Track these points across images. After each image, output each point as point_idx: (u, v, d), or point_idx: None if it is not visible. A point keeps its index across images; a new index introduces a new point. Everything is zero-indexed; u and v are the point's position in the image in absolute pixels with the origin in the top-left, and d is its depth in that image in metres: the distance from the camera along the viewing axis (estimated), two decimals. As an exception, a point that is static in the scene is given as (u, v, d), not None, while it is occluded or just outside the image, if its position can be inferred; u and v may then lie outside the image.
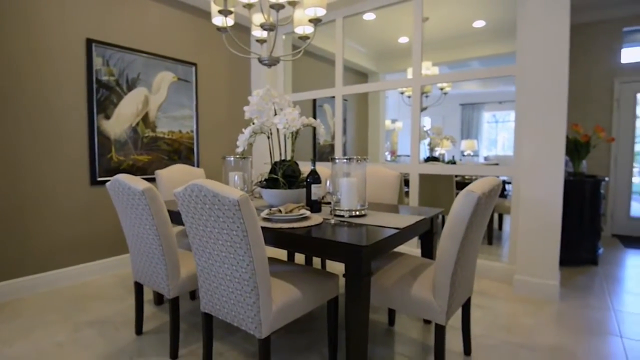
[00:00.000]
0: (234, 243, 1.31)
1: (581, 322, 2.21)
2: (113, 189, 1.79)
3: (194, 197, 1.35)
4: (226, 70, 4.00)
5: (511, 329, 2.13)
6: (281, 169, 2.08)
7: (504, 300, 2.54)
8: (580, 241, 3.33)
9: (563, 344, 1.95)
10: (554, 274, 2.55)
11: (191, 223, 1.45)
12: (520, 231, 2.66)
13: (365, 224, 1.67)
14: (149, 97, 3.24)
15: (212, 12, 2.24)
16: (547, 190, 2.54)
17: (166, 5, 3.38)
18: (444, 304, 1.45)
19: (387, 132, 7.67)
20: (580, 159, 3.30)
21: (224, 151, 4.01)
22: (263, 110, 1.97)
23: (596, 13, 4.42)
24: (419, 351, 1.88)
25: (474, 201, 1.34)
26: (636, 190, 4.56)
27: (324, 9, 2.10)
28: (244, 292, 1.36)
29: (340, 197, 1.84)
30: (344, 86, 3.73)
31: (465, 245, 1.43)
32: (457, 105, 9.01)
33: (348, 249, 1.35)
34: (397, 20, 4.56)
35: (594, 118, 4.52)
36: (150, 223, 1.66)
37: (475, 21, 4.66)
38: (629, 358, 1.82)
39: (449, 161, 5.13)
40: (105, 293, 2.66)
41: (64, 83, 2.74)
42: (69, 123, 2.78)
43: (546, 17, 2.52)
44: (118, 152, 3.06)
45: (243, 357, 1.82)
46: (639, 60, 4.39)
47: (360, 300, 1.37)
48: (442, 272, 1.43)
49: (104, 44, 2.93)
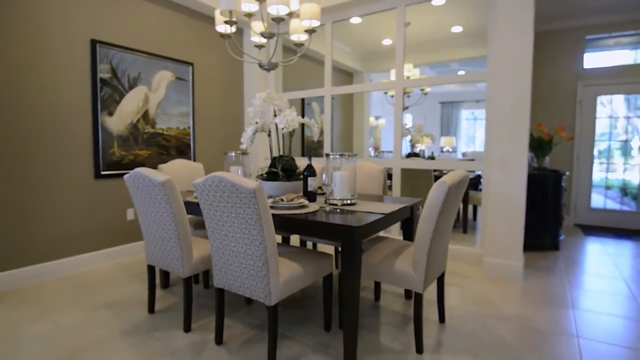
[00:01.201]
0: (248, 225, 1.56)
1: (540, 297, 2.57)
2: (132, 181, 2.00)
3: (213, 187, 1.59)
4: (220, 69, 4.19)
5: (480, 302, 2.46)
6: (280, 164, 2.33)
7: (475, 280, 2.88)
8: (544, 229, 3.72)
9: (524, 314, 2.29)
10: (518, 256, 2.91)
11: (209, 209, 1.69)
12: (489, 219, 3.01)
13: (356, 210, 1.95)
14: (148, 95, 3.42)
15: (216, 20, 2.45)
16: (512, 183, 2.88)
17: (165, 8, 3.55)
18: (422, 275, 1.75)
19: (370, 128, 7.98)
20: (543, 155, 3.68)
21: (219, 146, 4.21)
22: (265, 111, 2.21)
23: (562, 22, 4.82)
24: (401, 320, 2.19)
25: (445, 190, 1.63)
26: (597, 184, 5.01)
27: (318, 20, 2.35)
28: (256, 267, 1.62)
29: (333, 188, 2.11)
30: (333, 86, 3.99)
31: (439, 227, 1.73)
32: (437, 104, 9.39)
33: (344, 230, 1.62)
34: (382, 23, 4.84)
35: (559, 118, 4.94)
36: (168, 211, 1.88)
37: (454, 26, 4.99)
38: (577, 324, 2.17)
39: (429, 157, 5.48)
40: (111, 279, 2.85)
41: (71, 81, 2.89)
42: (75, 119, 2.94)
43: (512, 29, 2.84)
44: (120, 147, 3.23)
45: (248, 329, 2.07)
46: (600, 66, 4.83)
47: (353, 273, 1.64)
48: (420, 249, 1.73)
49: (107, 44, 3.09)
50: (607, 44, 4.97)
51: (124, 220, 3.33)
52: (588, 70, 4.86)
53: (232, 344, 1.90)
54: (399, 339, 1.97)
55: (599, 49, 5.00)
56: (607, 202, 5.01)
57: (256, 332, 2.04)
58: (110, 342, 1.92)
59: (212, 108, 4.12)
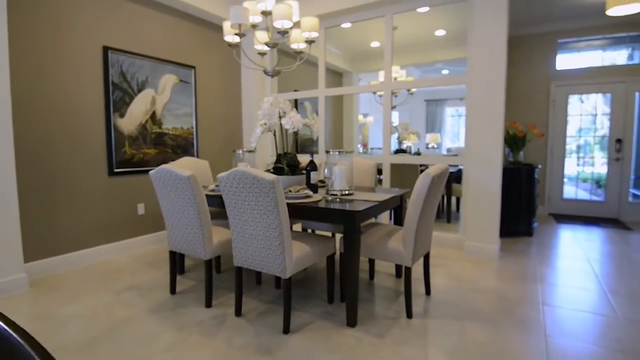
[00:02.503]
0: (267, 211, 1.87)
1: (513, 274, 2.94)
2: (158, 176, 2.27)
3: (236, 180, 1.88)
4: (220, 72, 4.45)
5: (461, 279, 2.82)
6: (285, 160, 2.63)
7: (457, 261, 3.24)
8: (518, 217, 4.12)
9: (498, 287, 2.66)
10: (494, 240, 3.28)
11: (231, 199, 1.98)
12: (469, 208, 3.37)
13: (354, 199, 2.27)
14: (155, 97, 3.66)
15: (225, 30, 2.73)
16: (489, 175, 3.25)
17: (169, 15, 3.79)
18: (410, 252, 2.08)
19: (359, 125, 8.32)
20: (518, 150, 4.07)
21: (219, 144, 4.47)
22: (272, 114, 2.50)
23: (536, 27, 5.23)
24: (393, 294, 2.53)
25: (429, 180, 1.96)
26: (573, 177, 5.46)
27: (317, 32, 2.65)
28: (273, 246, 1.92)
29: (334, 180, 2.42)
30: (326, 88, 4.30)
31: (424, 211, 2.06)
32: (422, 102, 9.79)
33: (346, 214, 1.94)
34: (370, 27, 5.15)
35: (535, 116, 5.36)
36: (192, 202, 2.17)
37: (437, 30, 5.34)
38: (543, 295, 2.55)
39: (415, 153, 5.85)
40: (129, 268, 3.11)
41: (86, 85, 3.12)
42: (90, 121, 3.17)
43: (488, 35, 3.19)
44: (131, 146, 3.47)
45: (262, 304, 2.38)
46: (571, 67, 5.26)
47: (354, 250, 1.96)
48: (409, 230, 2.06)
49: (118, 50, 3.32)
50: (579, 46, 5.40)
51: (135, 214, 3.58)
52: (560, 71, 5.28)
53: (250, 316, 2.20)
54: (392, 308, 2.31)
55: (571, 50, 5.44)
56: (578, 192, 5.47)
57: (268, 306, 2.35)
58: (141, 318, 2.20)
59: (213, 109, 4.38)
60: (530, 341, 1.93)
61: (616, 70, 4.99)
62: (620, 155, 5.02)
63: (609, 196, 5.14)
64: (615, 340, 1.93)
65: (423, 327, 2.08)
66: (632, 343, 1.90)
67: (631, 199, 5.05)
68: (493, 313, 2.25)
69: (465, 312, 2.26)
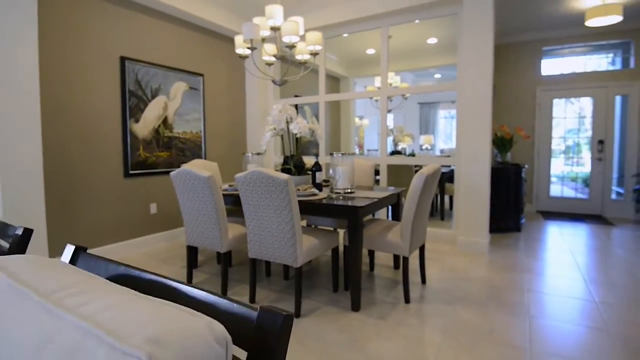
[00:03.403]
0: (281, 207, 2.11)
1: (501, 265, 3.21)
2: (178, 176, 2.50)
3: (254, 179, 2.12)
4: (226, 79, 4.69)
5: (453, 270, 3.08)
6: (292, 161, 2.87)
7: (450, 254, 3.51)
8: (507, 214, 4.39)
9: (487, 277, 2.92)
10: (484, 235, 3.55)
11: (248, 196, 2.22)
12: (461, 204, 3.64)
13: (356, 196, 2.52)
14: (167, 103, 3.88)
15: (236, 43, 2.97)
16: (478, 174, 3.52)
17: (180, 26, 4.02)
18: (407, 243, 2.33)
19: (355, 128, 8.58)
20: (505, 151, 4.35)
21: (225, 147, 4.71)
22: (280, 120, 2.75)
23: (522, 35, 5.54)
24: (391, 283, 2.78)
25: (423, 178, 2.22)
26: (560, 176, 5.77)
27: (321, 45, 2.90)
28: (286, 239, 2.16)
29: (337, 179, 2.67)
30: (326, 94, 4.55)
31: (419, 206, 2.32)
32: (416, 104, 10.10)
33: (350, 210, 2.19)
34: (366, 35, 5.41)
35: (521, 119, 5.66)
36: (210, 200, 2.40)
37: (429, 38, 5.63)
38: (528, 282, 2.81)
39: (409, 154, 6.12)
40: (143, 264, 3.33)
41: (105, 93, 3.34)
42: (108, 125, 3.39)
43: (476, 45, 3.46)
44: (145, 149, 3.69)
45: (272, 293, 2.61)
46: (555, 73, 5.57)
47: (357, 243, 2.21)
48: (406, 223, 2.31)
49: (133, 60, 3.54)
50: (562, 52, 5.72)
51: (147, 213, 3.79)
52: (545, 77, 5.59)
53: (262, 303, 2.44)
54: (391, 295, 2.56)
55: (556, 56, 5.75)
56: (564, 190, 5.77)
57: (279, 295, 2.59)
58: (164, 305, 2.42)
59: (220, 113, 4.61)
60: (516, 321, 2.18)
61: (598, 75, 5.30)
62: (602, 155, 5.33)
63: (592, 194, 5.45)
64: (591, 320, 2.19)
65: (419, 310, 2.33)
66: (605, 322, 2.17)
67: (614, 196, 5.37)
68: (482, 298, 2.51)
69: (457, 297, 2.52)
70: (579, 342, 1.94)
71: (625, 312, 2.28)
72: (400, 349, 1.89)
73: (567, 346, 1.90)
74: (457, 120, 3.75)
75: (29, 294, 0.47)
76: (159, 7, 3.72)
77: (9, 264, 0.57)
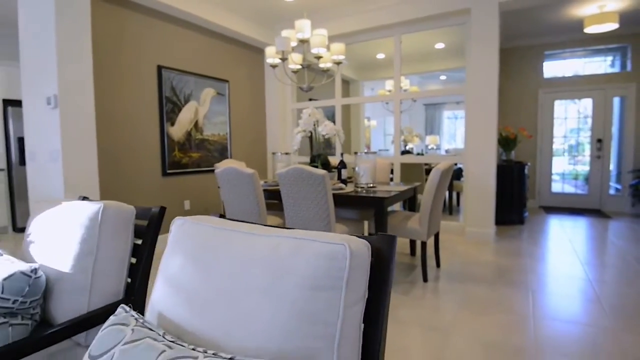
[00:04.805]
0: (318, 199, 2.45)
1: (506, 251, 3.54)
2: (224, 173, 2.85)
3: (295, 175, 2.47)
4: (248, 84, 5.05)
5: (463, 255, 3.42)
6: (319, 160, 3.22)
7: (459, 243, 3.84)
8: (511, 208, 4.72)
9: (494, 261, 3.26)
10: (490, 226, 3.89)
11: (288, 190, 2.57)
12: (469, 199, 3.97)
13: (378, 190, 2.86)
14: (198, 108, 4.25)
15: (267, 54, 3.32)
16: (485, 171, 3.85)
17: (209, 37, 4.38)
18: (425, 230, 2.67)
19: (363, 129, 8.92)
20: (509, 150, 4.68)
21: (248, 147, 5.06)
22: (309, 123, 3.10)
23: (525, 40, 5.87)
24: (410, 267, 3.12)
25: (439, 173, 2.56)
26: (564, 174, 6.09)
27: (344, 55, 3.25)
28: (321, 226, 2.51)
29: (362, 175, 3.01)
30: (342, 98, 4.90)
31: (435, 197, 2.66)
32: (422, 106, 10.44)
33: (377, 201, 2.53)
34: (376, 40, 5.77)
35: (524, 119, 5.99)
36: (253, 193, 2.75)
37: (437, 43, 5.97)
38: (530, 265, 3.15)
39: (418, 153, 6.46)
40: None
41: (145, 99, 3.71)
42: (148, 129, 3.75)
43: (482, 53, 3.80)
44: (179, 150, 4.05)
45: (305, 276, 2.96)
46: (557, 76, 5.90)
47: (383, 229, 2.56)
48: (424, 212, 2.66)
49: (169, 68, 3.91)
50: (564, 55, 6.04)
51: (182, 209, 4.15)
52: (547, 79, 5.91)
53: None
54: (410, 275, 2.90)
55: (557, 59, 6.08)
56: (565, 187, 6.09)
57: (311, 277, 2.93)
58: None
59: (243, 116, 4.97)
60: (520, 295, 2.52)
61: (596, 78, 5.62)
62: (601, 153, 5.65)
63: (591, 189, 5.77)
64: (585, 293, 2.53)
65: (436, 288, 2.67)
66: (597, 295, 2.50)
67: (613, 191, 5.68)
68: (490, 278, 2.85)
69: (468, 277, 2.86)
70: (575, 310, 2.27)
71: (615, 287, 2.62)
72: (424, 315, 2.23)
73: (564, 312, 2.24)
74: (465, 121, 4.09)
75: (238, 230, 0.82)
76: (190, 18, 4.08)
77: (201, 220, 0.91)
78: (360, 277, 0.65)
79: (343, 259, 0.62)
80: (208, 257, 0.75)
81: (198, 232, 0.81)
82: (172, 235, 0.88)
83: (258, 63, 5.25)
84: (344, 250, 0.63)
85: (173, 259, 0.81)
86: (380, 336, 0.70)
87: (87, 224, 1.09)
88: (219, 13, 4.26)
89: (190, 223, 0.86)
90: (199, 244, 0.79)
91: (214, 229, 0.81)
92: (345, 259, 0.62)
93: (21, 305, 1.02)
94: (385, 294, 0.72)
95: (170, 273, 0.80)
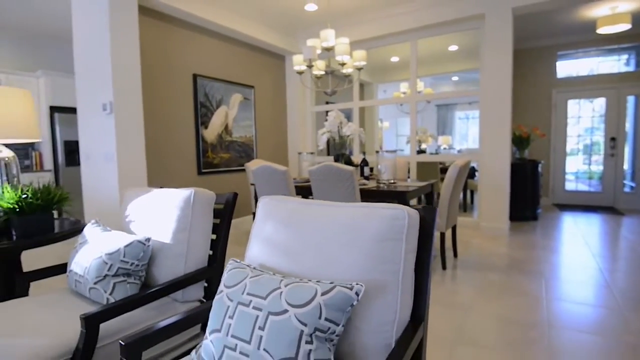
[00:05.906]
0: (346, 192, 2.72)
1: (520, 244, 3.74)
2: (259, 170, 3.14)
3: (325, 171, 2.74)
4: (271, 88, 5.35)
5: (479, 248, 3.64)
6: (342, 159, 3.48)
7: (475, 237, 4.06)
8: (525, 204, 4.90)
9: (509, 252, 3.47)
10: (505, 221, 4.09)
11: (319, 185, 2.84)
12: (484, 195, 4.18)
13: (399, 185, 3.11)
14: (228, 112, 4.56)
15: (294, 62, 3.60)
16: (499, 168, 4.06)
17: (237, 46, 4.70)
18: (444, 221, 2.91)
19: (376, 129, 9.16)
20: (523, 148, 4.87)
21: (271, 148, 5.36)
22: (334, 124, 3.37)
23: (539, 41, 6.04)
24: (429, 258, 3.35)
25: (457, 168, 2.80)
26: (578, 173, 6.22)
27: (365, 61, 3.51)
28: (349, 217, 2.77)
29: (383, 172, 3.26)
30: (360, 100, 5.16)
31: (453, 192, 2.90)
32: (434, 106, 10.62)
33: (399, 194, 2.78)
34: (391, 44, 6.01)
35: (538, 119, 6.15)
36: (285, 188, 3.03)
37: (450, 46, 6.18)
38: (543, 257, 3.35)
39: (432, 153, 6.67)
40: (217, 245, 3.98)
41: (183, 105, 4.03)
42: (185, 132, 4.07)
43: (496, 56, 4.02)
44: (212, 152, 4.37)
45: (332, 265, 3.23)
46: (570, 75, 6.05)
47: (405, 220, 2.80)
48: (443, 204, 2.90)
49: (202, 76, 4.23)
50: (577, 55, 6.18)
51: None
52: (560, 79, 6.06)
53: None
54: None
55: (570, 59, 6.22)
56: (578, 185, 6.22)
57: (338, 265, 3.19)
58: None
59: (266, 119, 5.27)
60: (533, 281, 2.74)
61: (609, 77, 5.76)
62: (615, 151, 5.78)
63: (605, 187, 5.89)
64: (595, 279, 2.73)
65: (454, 275, 2.91)
66: (607, 281, 2.70)
67: (627, 189, 5.80)
68: (505, 267, 3.06)
69: (485, 266, 3.08)
70: (585, 294, 2.48)
71: (623, 275, 2.81)
72: (444, 296, 2.47)
73: (575, 295, 2.45)
74: (480, 121, 4.30)
75: (316, 204, 1.08)
76: (221, 30, 4.39)
77: (282, 198, 1.18)
78: (414, 233, 0.91)
79: (403, 219, 0.89)
80: (298, 222, 1.02)
81: (286, 206, 1.09)
82: (260, 209, 1.15)
83: (280, 69, 5.55)
84: (403, 214, 0.89)
85: (266, 225, 1.09)
86: (427, 276, 0.96)
87: (182, 206, 1.38)
88: (246, 23, 4.57)
89: (275, 200, 1.13)
90: (288, 214, 1.06)
91: (298, 204, 1.08)
92: (404, 219, 0.89)
93: (135, 268, 1.31)
94: (429, 248, 0.98)
95: (265, 235, 1.07)
